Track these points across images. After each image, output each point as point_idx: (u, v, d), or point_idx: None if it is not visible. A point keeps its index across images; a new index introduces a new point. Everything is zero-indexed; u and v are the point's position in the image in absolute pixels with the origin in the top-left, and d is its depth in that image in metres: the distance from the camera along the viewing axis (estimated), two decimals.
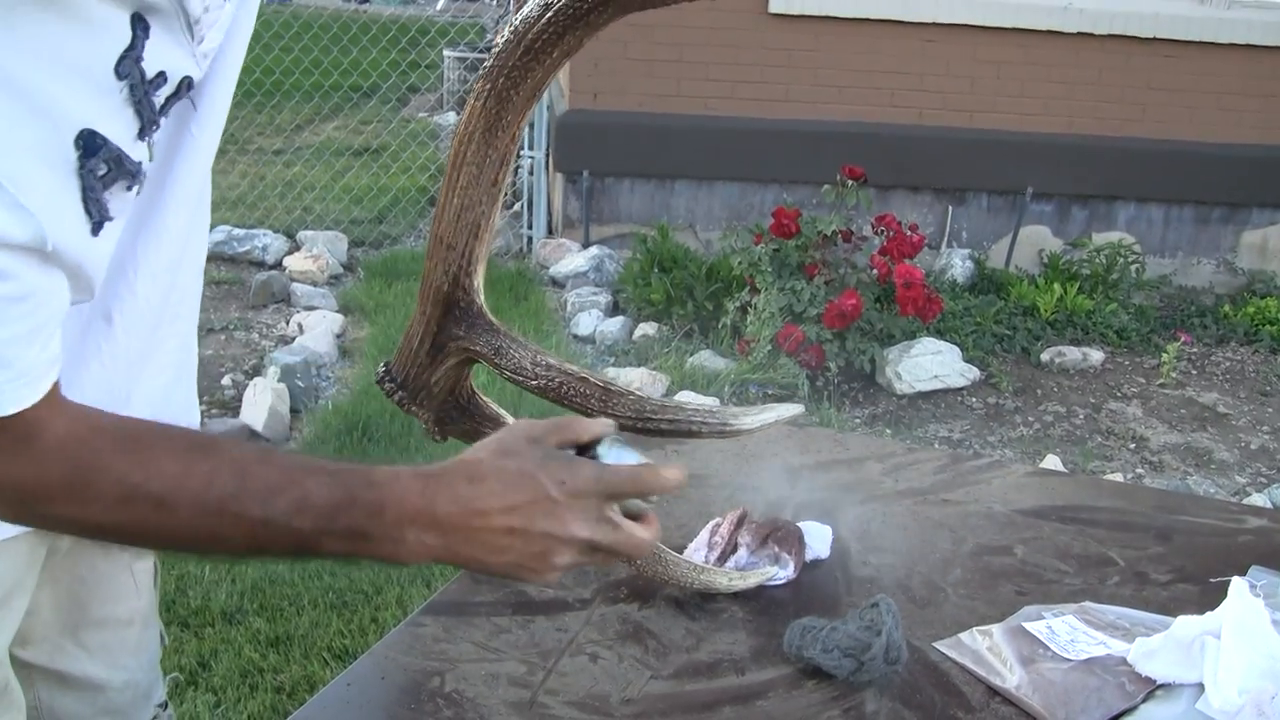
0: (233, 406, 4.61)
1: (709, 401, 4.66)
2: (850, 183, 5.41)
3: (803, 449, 1.98)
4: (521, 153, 7.44)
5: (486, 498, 1.05)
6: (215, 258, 6.39)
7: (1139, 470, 4.58)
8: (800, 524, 1.64)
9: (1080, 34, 6.61)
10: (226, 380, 4.85)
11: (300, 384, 4.76)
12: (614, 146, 6.75)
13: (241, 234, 6.55)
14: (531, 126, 7.12)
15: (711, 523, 1.59)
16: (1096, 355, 5.63)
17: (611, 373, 5.22)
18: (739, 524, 1.58)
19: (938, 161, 6.65)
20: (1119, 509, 1.82)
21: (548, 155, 7.10)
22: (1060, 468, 4.35)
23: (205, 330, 5.36)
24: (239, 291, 5.96)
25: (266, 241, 6.54)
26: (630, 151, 6.77)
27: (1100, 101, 6.74)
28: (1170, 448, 4.79)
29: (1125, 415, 5.07)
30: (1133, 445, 4.80)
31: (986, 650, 1.39)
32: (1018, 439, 4.78)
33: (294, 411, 4.64)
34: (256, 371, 4.95)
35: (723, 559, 1.55)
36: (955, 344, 5.32)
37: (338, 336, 5.51)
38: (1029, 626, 1.42)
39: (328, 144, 9.50)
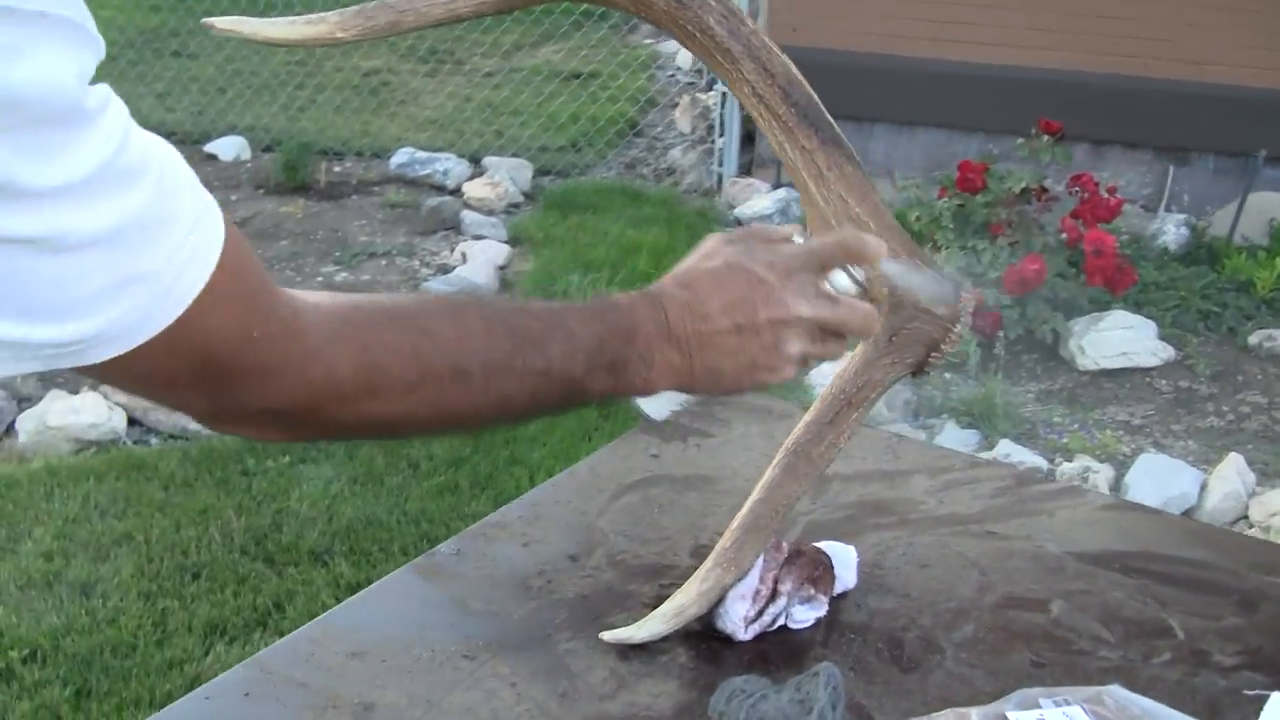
0: None
1: None
2: (1045, 138, 5.01)
3: (845, 454, 1.72)
4: (715, 87, 7.20)
5: (705, 299, 1.05)
6: (395, 180, 6.37)
7: None
8: (824, 545, 1.41)
9: None
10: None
11: None
12: (810, 85, 6.45)
13: (424, 157, 6.50)
14: None
15: (759, 565, 1.34)
16: None
17: None
18: (781, 568, 1.34)
19: (1159, 117, 6.13)
20: (1201, 562, 1.52)
21: None
22: (1244, 469, 3.93)
23: (368, 254, 5.33)
24: (411, 216, 5.91)
25: (448, 166, 6.46)
26: (828, 91, 6.40)
27: None
28: None
29: None
30: None
31: None
32: (1205, 430, 4.36)
33: None
34: None
35: (762, 611, 1.31)
36: (1152, 318, 4.89)
37: (500, 268, 5.40)
38: (1015, 717, 1.16)
39: (539, 68, 9.39)
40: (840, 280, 1.11)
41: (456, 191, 6.30)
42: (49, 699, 2.63)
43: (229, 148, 6.59)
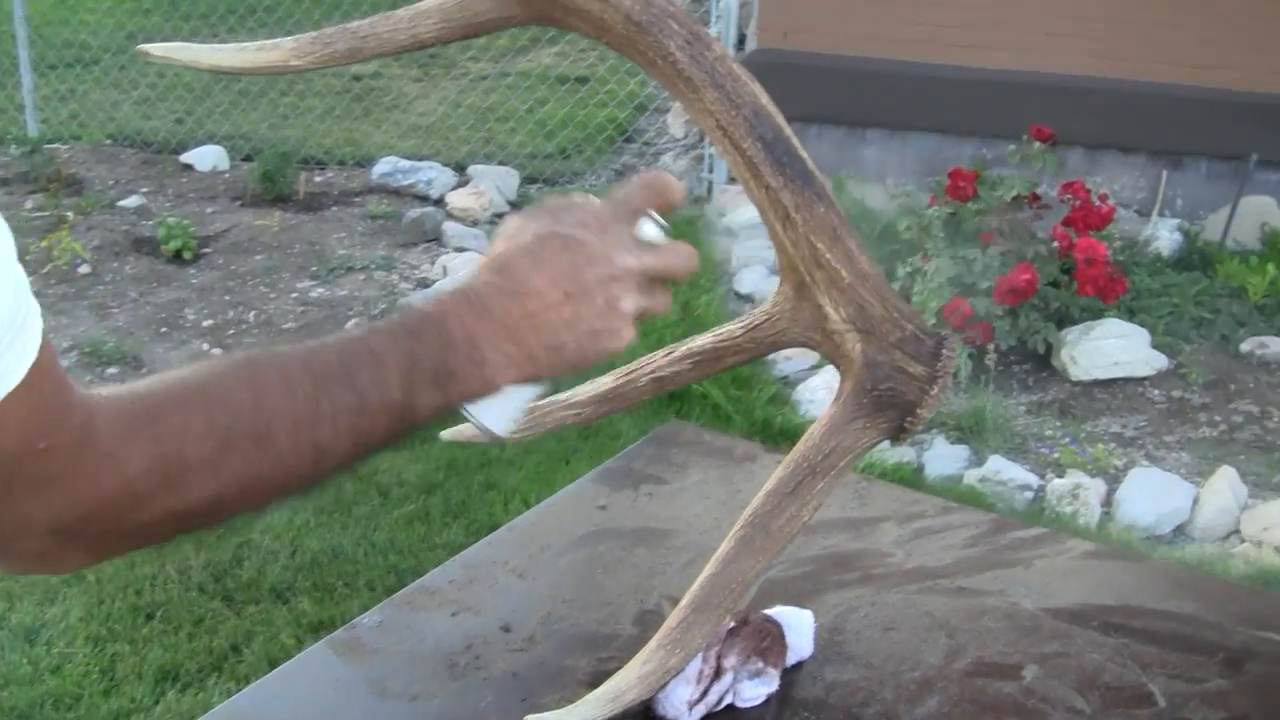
0: None
1: None
2: (1037, 144, 4.89)
3: None
4: None
5: (526, 277, 0.97)
6: (378, 190, 6.26)
7: None
8: (776, 611, 1.30)
9: None
10: (351, 326, 4.67)
11: None
12: (802, 89, 6.35)
13: (407, 166, 6.38)
14: None
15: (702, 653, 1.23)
16: None
17: None
18: (724, 641, 1.23)
19: (1154, 120, 6.03)
20: (1187, 616, 1.42)
21: None
22: (1236, 482, 3.83)
23: (345, 269, 5.21)
24: (393, 228, 5.78)
25: (433, 175, 6.33)
26: (820, 96, 6.36)
27: None
28: None
29: None
30: None
31: None
32: (1199, 440, 4.25)
33: None
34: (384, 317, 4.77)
35: (706, 691, 1.20)
36: (1145, 326, 4.78)
37: None
38: None
39: (531, 72, 9.24)
40: (649, 230, 1.05)
41: (440, 202, 6.18)
42: None
43: (206, 157, 6.46)
